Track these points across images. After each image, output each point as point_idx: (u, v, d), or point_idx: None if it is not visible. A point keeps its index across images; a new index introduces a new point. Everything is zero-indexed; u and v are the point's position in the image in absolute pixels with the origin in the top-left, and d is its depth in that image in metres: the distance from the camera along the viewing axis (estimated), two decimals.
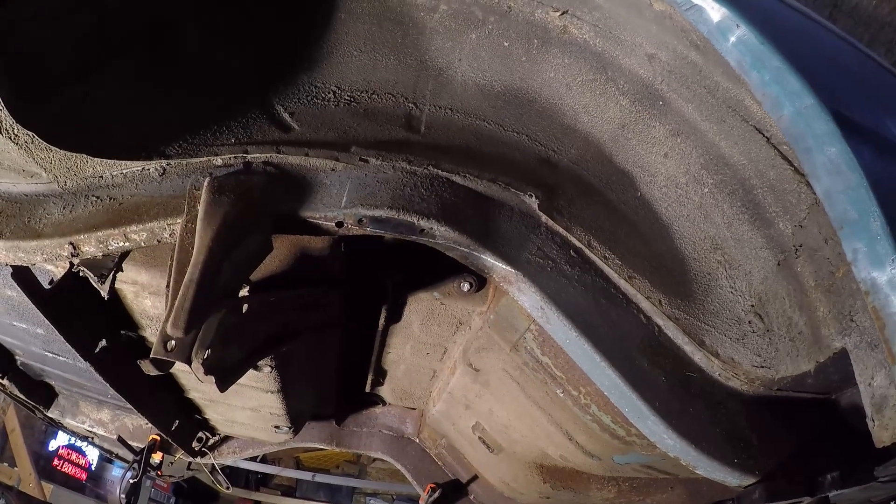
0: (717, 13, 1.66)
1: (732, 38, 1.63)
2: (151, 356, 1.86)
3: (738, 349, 2.02)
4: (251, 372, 2.64)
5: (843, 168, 1.44)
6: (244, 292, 2.25)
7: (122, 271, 2.29)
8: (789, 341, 1.90)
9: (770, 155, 1.88)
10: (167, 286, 1.93)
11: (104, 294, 2.24)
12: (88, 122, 2.02)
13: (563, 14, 2.13)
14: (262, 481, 11.89)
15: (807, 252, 1.80)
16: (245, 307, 2.14)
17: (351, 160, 2.09)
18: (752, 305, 2.03)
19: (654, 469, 2.75)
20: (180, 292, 1.77)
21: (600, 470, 3.10)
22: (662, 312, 2.08)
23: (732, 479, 2.10)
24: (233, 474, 10.40)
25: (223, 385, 2.08)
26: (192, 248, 1.85)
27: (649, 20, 1.94)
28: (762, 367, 1.98)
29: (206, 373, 1.94)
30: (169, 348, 1.84)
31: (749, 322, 2.02)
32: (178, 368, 2.50)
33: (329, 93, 2.30)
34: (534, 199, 2.14)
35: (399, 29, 2.30)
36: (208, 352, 1.91)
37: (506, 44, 2.25)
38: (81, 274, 2.22)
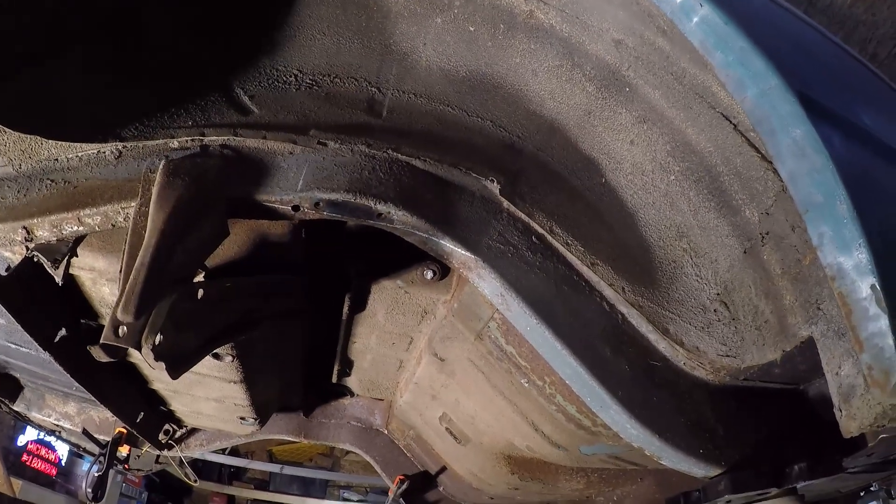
0: None
1: (696, 18, 1.59)
2: (101, 341, 1.81)
3: (703, 338, 2.01)
4: (213, 362, 2.60)
5: (808, 150, 1.41)
6: (200, 278, 2.20)
7: (78, 256, 2.25)
8: (755, 330, 1.89)
9: (737, 142, 1.86)
10: (120, 270, 1.90)
11: (58, 279, 2.20)
12: (44, 104, 1.98)
13: None
14: (235, 475, 11.86)
15: (773, 240, 1.79)
16: (200, 293, 2.09)
17: (309, 143, 2.07)
18: (718, 294, 2.01)
19: (622, 460, 2.75)
20: (131, 276, 1.74)
21: (567, 461, 3.09)
22: (626, 300, 2.06)
23: (698, 469, 2.09)
24: (205, 468, 10.37)
25: (174, 372, 2.03)
26: (145, 232, 1.81)
27: (616, 5, 1.91)
28: (728, 356, 1.97)
29: (156, 359, 1.89)
30: (120, 334, 1.79)
31: (714, 310, 2.01)
32: (140, 358, 2.45)
33: (290, 76, 2.27)
34: (495, 184, 2.12)
35: (363, 12, 2.26)
36: (160, 337, 1.86)
37: (471, 28, 2.21)
38: (36, 259, 2.17)
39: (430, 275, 2.56)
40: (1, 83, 1.86)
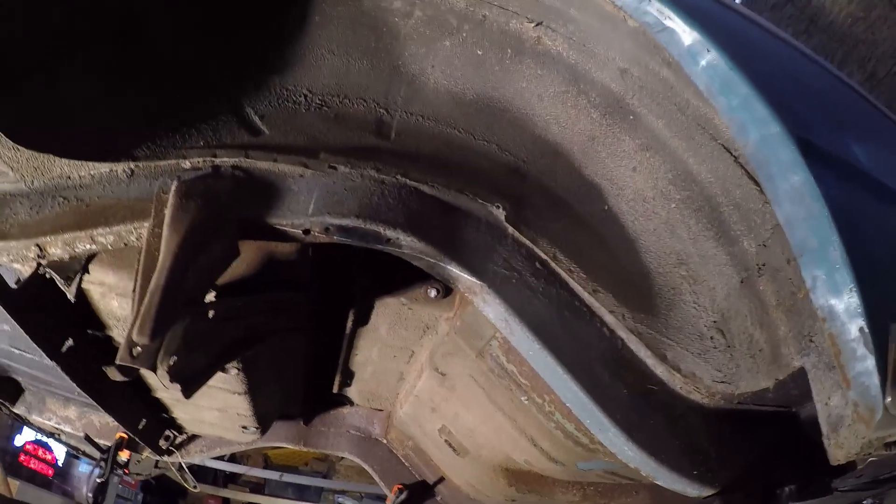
0: (688, 36, 1.67)
1: (703, 63, 1.64)
2: (117, 362, 1.85)
3: (699, 364, 2.04)
4: (219, 374, 2.63)
5: (805, 197, 1.46)
6: (210, 297, 2.24)
7: (89, 273, 2.27)
8: (750, 358, 1.92)
9: (737, 174, 1.89)
10: (133, 291, 1.92)
11: (71, 297, 2.23)
12: (56, 121, 2.01)
13: (537, 25, 2.13)
14: (231, 478, 11.83)
15: (769, 271, 1.82)
16: (211, 313, 2.13)
17: (319, 167, 2.09)
18: (715, 321, 2.04)
19: (618, 475, 2.78)
20: (146, 299, 1.77)
21: (564, 475, 3.12)
22: (626, 326, 2.09)
23: (692, 490, 2.12)
24: (200, 471, 10.32)
25: (188, 392, 2.07)
26: (159, 254, 1.84)
27: (623, 35, 1.95)
28: (722, 382, 2.00)
29: (172, 380, 1.94)
30: (135, 354, 1.83)
31: (711, 338, 2.04)
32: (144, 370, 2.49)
33: (300, 96, 2.30)
34: (501, 210, 2.15)
35: (373, 34, 2.29)
36: (174, 358, 1.90)
37: (479, 52, 2.25)
38: (48, 276, 2.20)
39: (433, 293, 2.60)
40: (11, 99, 1.89)
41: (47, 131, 1.97)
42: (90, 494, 4.40)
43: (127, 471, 4.71)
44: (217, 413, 3.45)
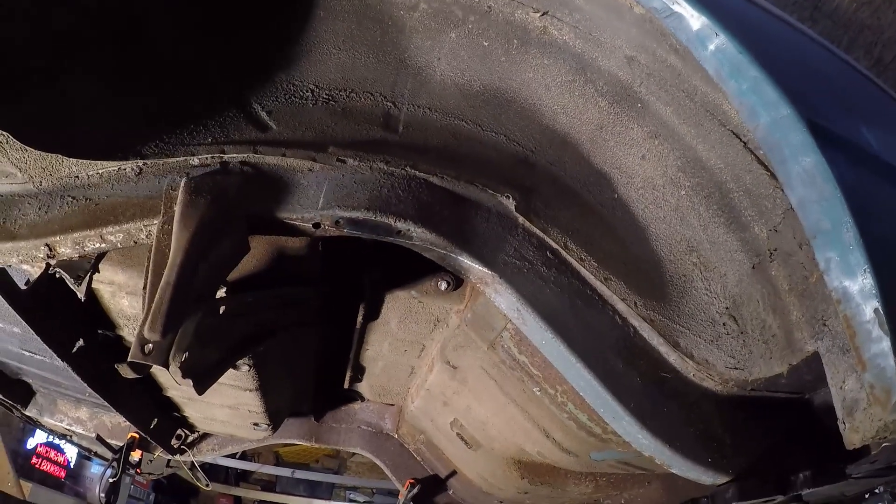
0: (696, 21, 1.66)
1: (711, 47, 1.63)
2: (129, 360, 1.85)
3: (712, 351, 2.04)
4: (231, 371, 2.64)
5: (817, 179, 1.46)
6: (221, 293, 2.24)
7: (99, 272, 2.27)
8: (763, 344, 1.92)
9: (747, 159, 1.89)
10: (144, 288, 1.92)
11: (81, 296, 2.22)
12: (63, 121, 2.00)
13: (543, 15, 2.13)
14: (242, 476, 11.84)
15: (781, 256, 1.82)
16: (222, 309, 2.13)
17: (328, 161, 2.09)
18: (727, 308, 2.04)
19: (631, 465, 2.78)
20: (157, 295, 1.76)
21: (577, 466, 3.12)
22: (638, 314, 2.09)
23: (706, 477, 2.12)
24: (212, 469, 10.33)
25: (200, 388, 2.07)
26: (169, 251, 1.84)
27: (629, 23, 1.94)
28: (736, 368, 2.00)
29: (184, 376, 1.93)
30: (146, 351, 1.82)
31: (723, 324, 2.04)
32: (156, 367, 2.49)
33: (307, 91, 2.29)
34: (511, 200, 2.15)
35: (378, 27, 2.29)
36: (186, 355, 1.90)
37: (485, 43, 2.24)
38: (58, 276, 2.20)
39: (444, 285, 2.59)
40: (18, 100, 1.89)
41: (52, 131, 1.96)
42: (102, 495, 4.40)
43: (139, 470, 4.73)
44: (229, 410, 3.46)
